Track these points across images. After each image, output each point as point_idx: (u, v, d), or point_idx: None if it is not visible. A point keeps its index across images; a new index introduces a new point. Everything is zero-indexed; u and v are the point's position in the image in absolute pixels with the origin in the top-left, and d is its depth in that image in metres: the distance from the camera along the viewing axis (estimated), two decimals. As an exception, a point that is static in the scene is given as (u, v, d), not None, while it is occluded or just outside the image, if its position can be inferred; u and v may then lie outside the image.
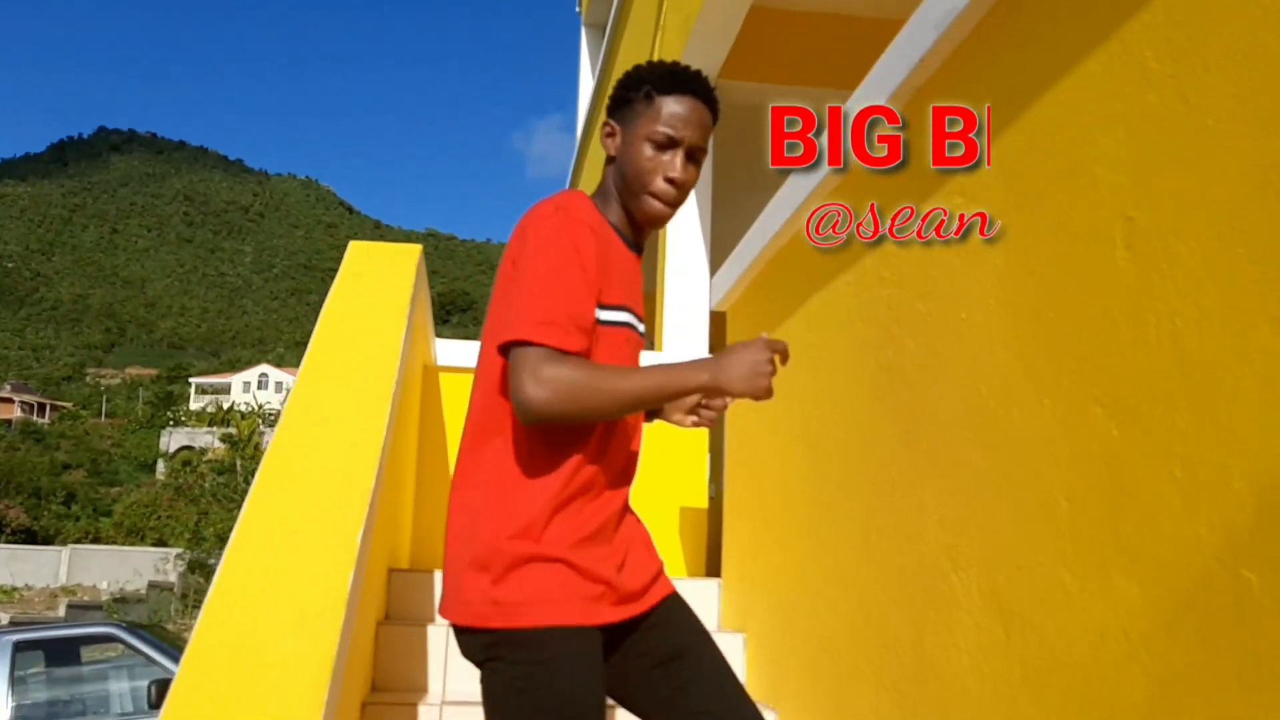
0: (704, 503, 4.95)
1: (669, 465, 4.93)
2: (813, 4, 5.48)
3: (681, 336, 5.46)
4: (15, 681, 6.39)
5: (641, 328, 2.00)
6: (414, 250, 3.52)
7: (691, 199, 5.66)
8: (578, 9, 13.14)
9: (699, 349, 5.50)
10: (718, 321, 6.00)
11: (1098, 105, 1.65)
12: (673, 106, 1.92)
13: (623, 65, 8.27)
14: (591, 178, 10.16)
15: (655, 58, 6.62)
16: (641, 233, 2.01)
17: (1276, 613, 1.24)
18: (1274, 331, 1.27)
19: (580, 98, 11.87)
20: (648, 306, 2.91)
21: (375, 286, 3.15)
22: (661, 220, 1.97)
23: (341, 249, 3.51)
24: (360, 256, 3.36)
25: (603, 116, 1.99)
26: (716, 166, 5.68)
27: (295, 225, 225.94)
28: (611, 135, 1.98)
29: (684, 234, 5.63)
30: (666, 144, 1.91)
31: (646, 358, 1.96)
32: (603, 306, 1.83)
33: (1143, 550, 1.49)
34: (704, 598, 3.82)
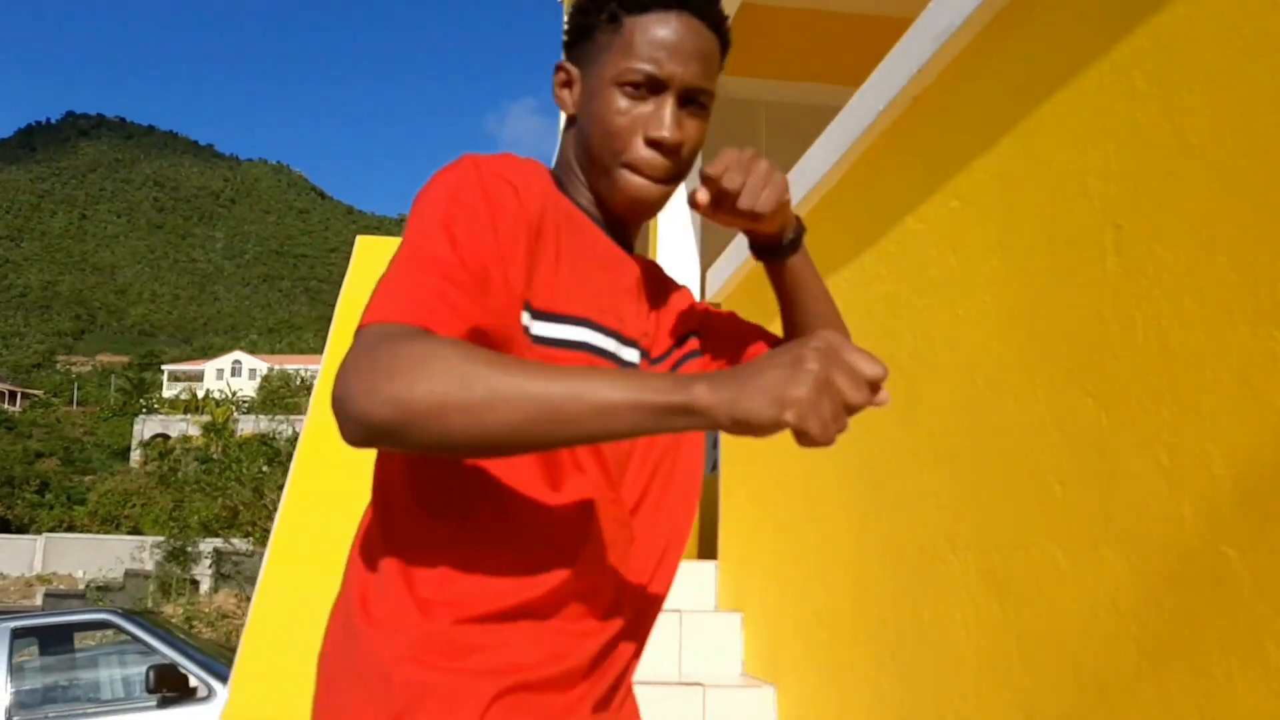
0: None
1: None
2: (805, 1, 5.59)
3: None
4: (13, 669, 6.46)
5: (631, 355, 1.34)
6: None
7: (680, 192, 5.79)
8: (559, -4, 13.21)
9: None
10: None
11: (1089, 120, 1.78)
12: (653, 30, 1.29)
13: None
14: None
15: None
16: (626, 225, 1.39)
17: (1253, 585, 1.38)
18: (1250, 330, 1.40)
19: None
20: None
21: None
22: (648, 204, 1.32)
23: (314, 234, 3.59)
24: (368, 252, 3.45)
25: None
26: (706, 160, 5.76)
27: (267, 211, 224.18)
28: (567, 84, 1.37)
29: (672, 220, 5.72)
30: (647, 87, 1.29)
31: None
32: (542, 314, 1.21)
33: (1131, 529, 1.62)
34: (700, 579, 3.95)
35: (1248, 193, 1.42)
